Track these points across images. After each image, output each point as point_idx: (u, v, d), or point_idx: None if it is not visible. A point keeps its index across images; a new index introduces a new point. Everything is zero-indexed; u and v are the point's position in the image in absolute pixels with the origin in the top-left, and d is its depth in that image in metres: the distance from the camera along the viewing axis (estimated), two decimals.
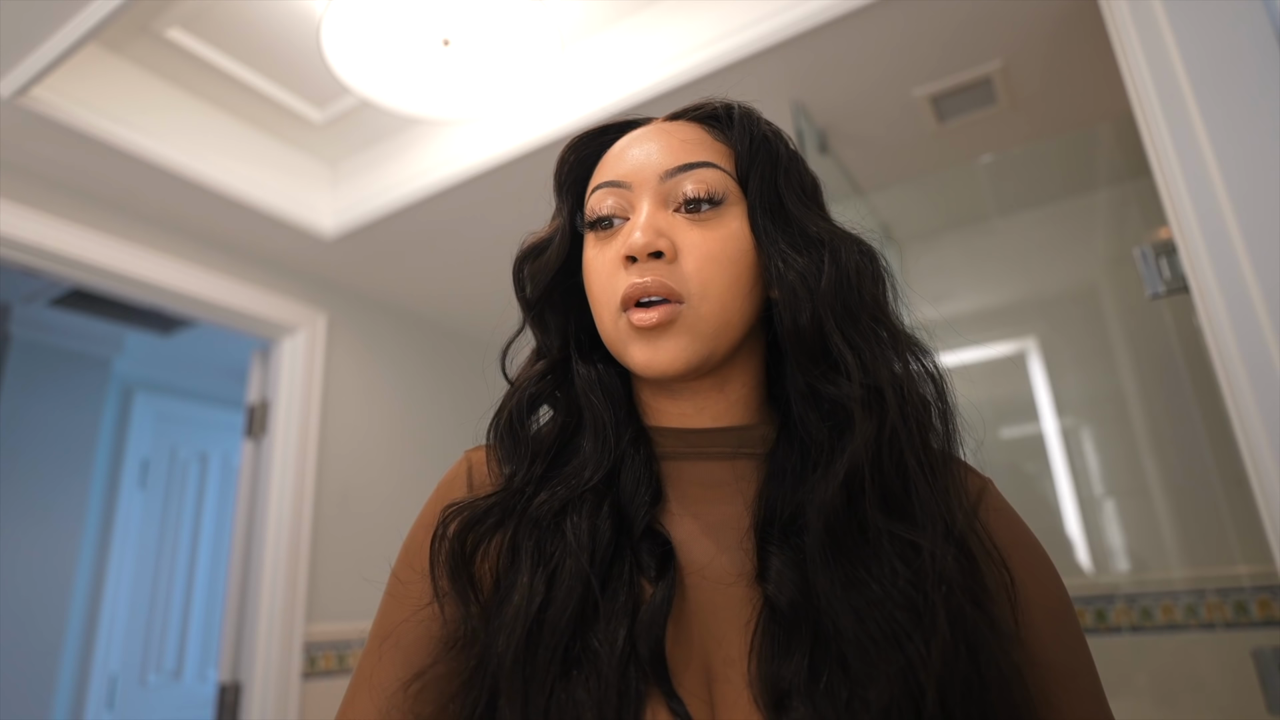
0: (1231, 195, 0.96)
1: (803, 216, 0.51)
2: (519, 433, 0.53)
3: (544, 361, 0.55)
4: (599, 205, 0.52)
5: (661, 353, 0.47)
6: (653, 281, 0.47)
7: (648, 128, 0.54)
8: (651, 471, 0.51)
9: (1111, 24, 1.18)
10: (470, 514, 0.49)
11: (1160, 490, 1.69)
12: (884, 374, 0.47)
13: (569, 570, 0.45)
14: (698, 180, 0.50)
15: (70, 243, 1.73)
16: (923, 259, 2.10)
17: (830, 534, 0.44)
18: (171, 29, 1.54)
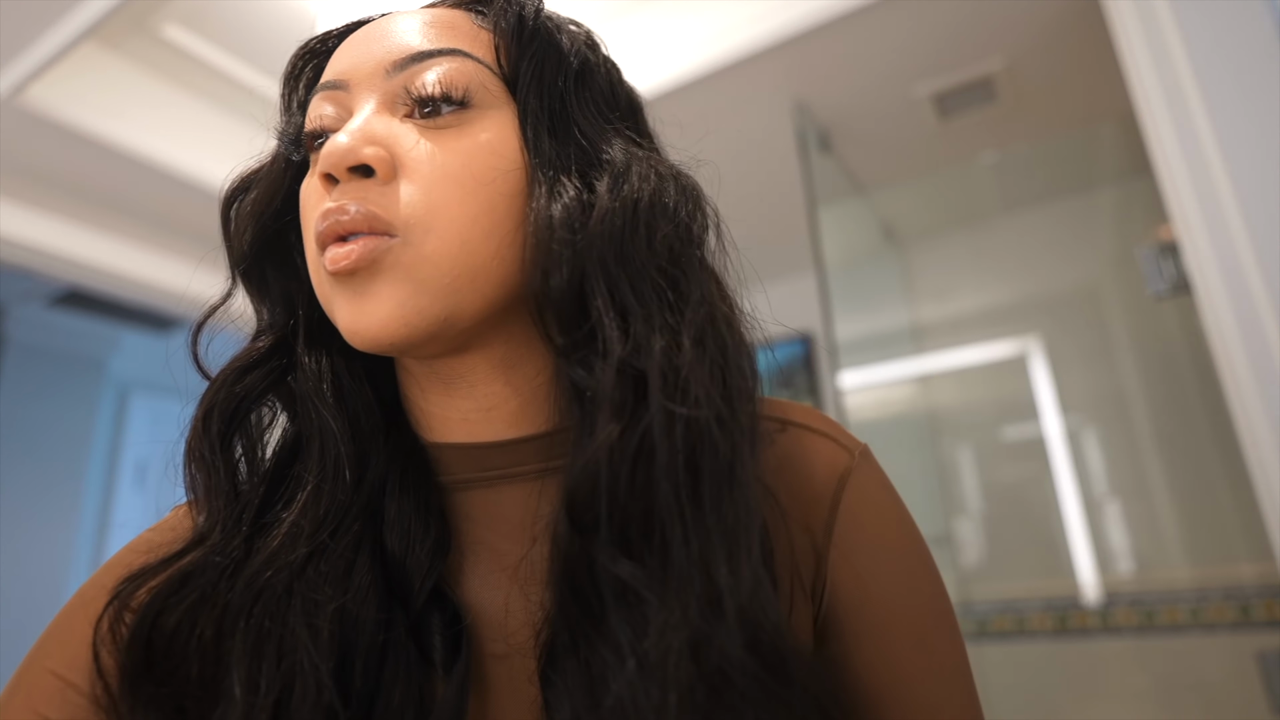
0: (1235, 194, 0.96)
1: (594, 131, 0.37)
2: (217, 454, 0.36)
3: (268, 338, 0.40)
4: (312, 116, 0.38)
5: (370, 308, 0.33)
6: (354, 206, 0.33)
7: (388, 15, 0.39)
8: (430, 509, 0.36)
9: (1114, 22, 1.17)
10: (168, 585, 0.33)
11: (1164, 491, 1.69)
12: (658, 350, 0.32)
13: (302, 694, 0.30)
14: (436, 72, 0.35)
15: (66, 242, 1.72)
16: (925, 258, 2.10)
17: (572, 595, 0.31)
18: (168, 26, 1.53)
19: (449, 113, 0.35)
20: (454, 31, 0.37)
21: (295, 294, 0.40)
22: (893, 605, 0.36)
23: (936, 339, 2.04)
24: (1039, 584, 1.74)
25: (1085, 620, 1.67)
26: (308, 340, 0.39)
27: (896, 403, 2.11)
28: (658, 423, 0.30)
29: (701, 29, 1.49)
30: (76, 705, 0.33)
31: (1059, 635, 1.69)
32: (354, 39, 0.38)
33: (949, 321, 2.04)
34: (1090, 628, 1.66)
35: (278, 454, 0.38)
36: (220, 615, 0.32)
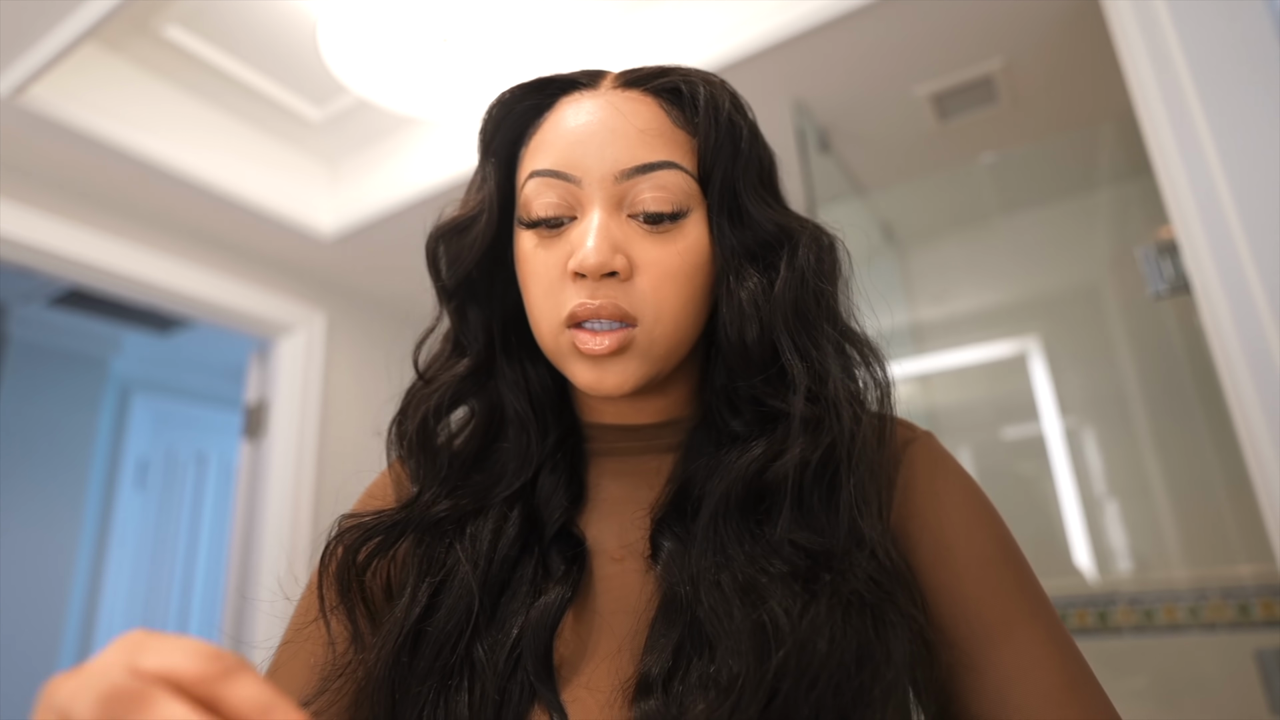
0: (1234, 194, 0.96)
1: (759, 215, 0.47)
2: (430, 440, 0.49)
3: (468, 361, 0.50)
4: (540, 200, 0.46)
5: (609, 377, 0.44)
6: (605, 304, 0.43)
7: (597, 100, 0.46)
8: (574, 474, 0.49)
9: (1113, 22, 1.17)
10: (366, 527, 0.46)
11: (1162, 491, 1.69)
12: (833, 380, 0.44)
13: (458, 581, 0.44)
14: (658, 188, 0.44)
15: (68, 242, 1.72)
16: (924, 258, 2.10)
17: (716, 520, 0.43)
18: (169, 27, 1.54)
19: (668, 223, 0.45)
20: (663, 140, 0.46)
21: (488, 320, 0.51)
22: (951, 536, 0.44)
23: (936, 339, 2.04)
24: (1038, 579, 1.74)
25: (1084, 619, 1.67)
26: (504, 351, 0.51)
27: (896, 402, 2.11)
28: (845, 429, 0.43)
29: (701, 29, 1.49)
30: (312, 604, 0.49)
31: None
32: (575, 132, 0.46)
33: (948, 321, 2.04)
34: (1089, 627, 1.66)
35: (478, 443, 0.50)
36: (413, 545, 0.47)
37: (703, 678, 0.38)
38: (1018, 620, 0.42)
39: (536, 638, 0.42)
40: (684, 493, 0.46)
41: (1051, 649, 0.41)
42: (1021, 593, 0.43)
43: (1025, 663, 0.41)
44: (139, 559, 2.97)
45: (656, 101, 0.47)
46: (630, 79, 0.48)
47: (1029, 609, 0.43)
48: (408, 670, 0.42)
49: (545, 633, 0.42)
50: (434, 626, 0.43)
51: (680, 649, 0.40)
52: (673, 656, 0.39)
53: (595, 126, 0.45)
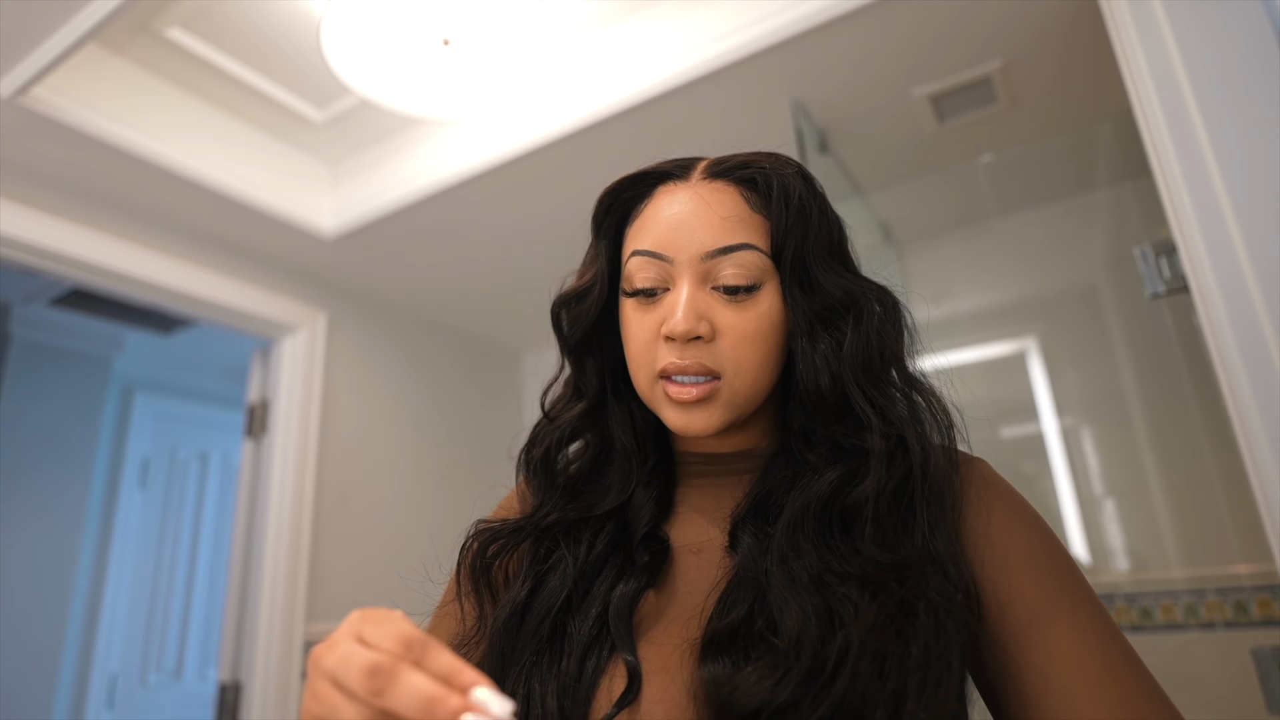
0: (1231, 195, 0.96)
1: (828, 283, 0.54)
2: (551, 468, 0.60)
3: (584, 403, 0.61)
4: (639, 275, 0.55)
5: (696, 421, 0.53)
6: (692, 363, 0.52)
7: (687, 191, 0.56)
8: (664, 491, 0.58)
9: (1111, 23, 1.18)
10: (495, 530, 0.58)
11: (1160, 490, 1.69)
12: (908, 426, 0.52)
13: (561, 570, 0.54)
14: (737, 265, 0.53)
15: (70, 242, 1.73)
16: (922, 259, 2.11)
17: (794, 523, 0.49)
18: (172, 29, 1.54)
19: (744, 294, 0.53)
20: (742, 225, 0.54)
21: (600, 368, 0.61)
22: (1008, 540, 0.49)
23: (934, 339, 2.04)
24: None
25: None
26: (614, 395, 0.61)
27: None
28: (917, 463, 0.50)
29: (700, 29, 1.49)
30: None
31: None
32: (670, 219, 0.55)
33: (947, 321, 2.04)
34: None
35: (589, 469, 0.61)
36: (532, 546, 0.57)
37: (762, 642, 0.44)
38: (1062, 608, 0.46)
39: (619, 610, 0.50)
40: (764, 501, 0.53)
41: (1094, 635, 0.45)
42: (1066, 583, 0.48)
43: (1068, 645, 0.45)
44: (141, 557, 2.97)
45: (737, 190, 0.56)
46: (716, 171, 0.57)
47: (1073, 600, 0.47)
48: (515, 637, 0.52)
49: (626, 606, 0.50)
50: (538, 604, 0.53)
51: (748, 617, 0.46)
52: (739, 622, 0.46)
53: (686, 215, 0.54)
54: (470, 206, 1.91)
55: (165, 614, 3.02)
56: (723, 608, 0.48)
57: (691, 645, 0.47)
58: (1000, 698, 0.47)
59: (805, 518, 0.49)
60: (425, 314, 2.60)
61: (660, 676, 0.47)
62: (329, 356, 2.27)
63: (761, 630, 0.45)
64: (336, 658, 0.33)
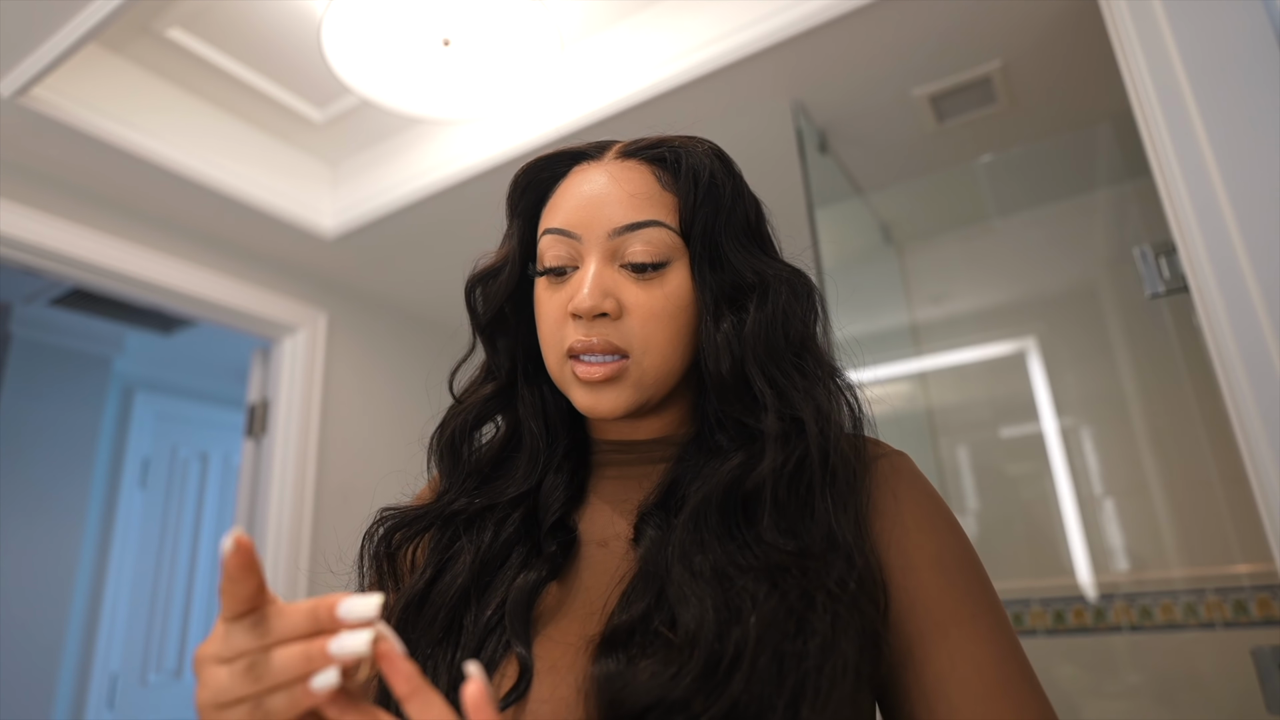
0: (1231, 195, 0.96)
1: (738, 262, 0.54)
2: (459, 450, 0.58)
3: (493, 385, 0.59)
4: (550, 253, 0.54)
5: (604, 401, 0.52)
6: (598, 341, 0.51)
7: (600, 170, 0.55)
8: (575, 478, 0.57)
9: (1111, 23, 1.18)
10: (399, 517, 0.56)
11: (1160, 489, 1.69)
12: (800, 403, 0.50)
13: (462, 560, 0.52)
14: (645, 242, 0.52)
15: (71, 242, 1.73)
16: (922, 259, 2.11)
17: (697, 513, 0.48)
18: (172, 29, 1.54)
19: (651, 272, 0.53)
20: (651, 202, 0.54)
21: (513, 349, 0.59)
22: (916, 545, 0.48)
23: (934, 339, 2.04)
24: (1036, 581, 1.75)
25: (1082, 617, 1.68)
26: (525, 378, 0.59)
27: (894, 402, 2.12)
28: (814, 446, 0.49)
29: (699, 30, 1.50)
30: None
31: (1056, 632, 1.70)
32: (579, 196, 0.54)
33: (947, 322, 2.04)
34: (1087, 625, 1.67)
35: (497, 453, 0.58)
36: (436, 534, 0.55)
37: (659, 639, 0.43)
38: (962, 618, 0.46)
39: (516, 603, 0.48)
40: (670, 492, 0.52)
41: (991, 648, 0.45)
42: (969, 593, 0.47)
43: (963, 658, 0.44)
44: (142, 557, 2.98)
45: (649, 168, 0.55)
46: (629, 151, 0.57)
47: (974, 609, 0.46)
48: (411, 629, 0.50)
49: (524, 599, 0.49)
50: (436, 594, 0.51)
51: (646, 614, 0.44)
52: (638, 618, 0.44)
53: (596, 192, 0.54)
54: (470, 206, 1.91)
55: (165, 614, 3.02)
56: (623, 603, 0.46)
57: (588, 643, 0.45)
58: (893, 697, 0.46)
59: (707, 508, 0.48)
60: (426, 314, 2.60)
61: (551, 675, 0.45)
62: (329, 356, 2.27)
63: (659, 627, 0.43)
64: (209, 692, 0.34)
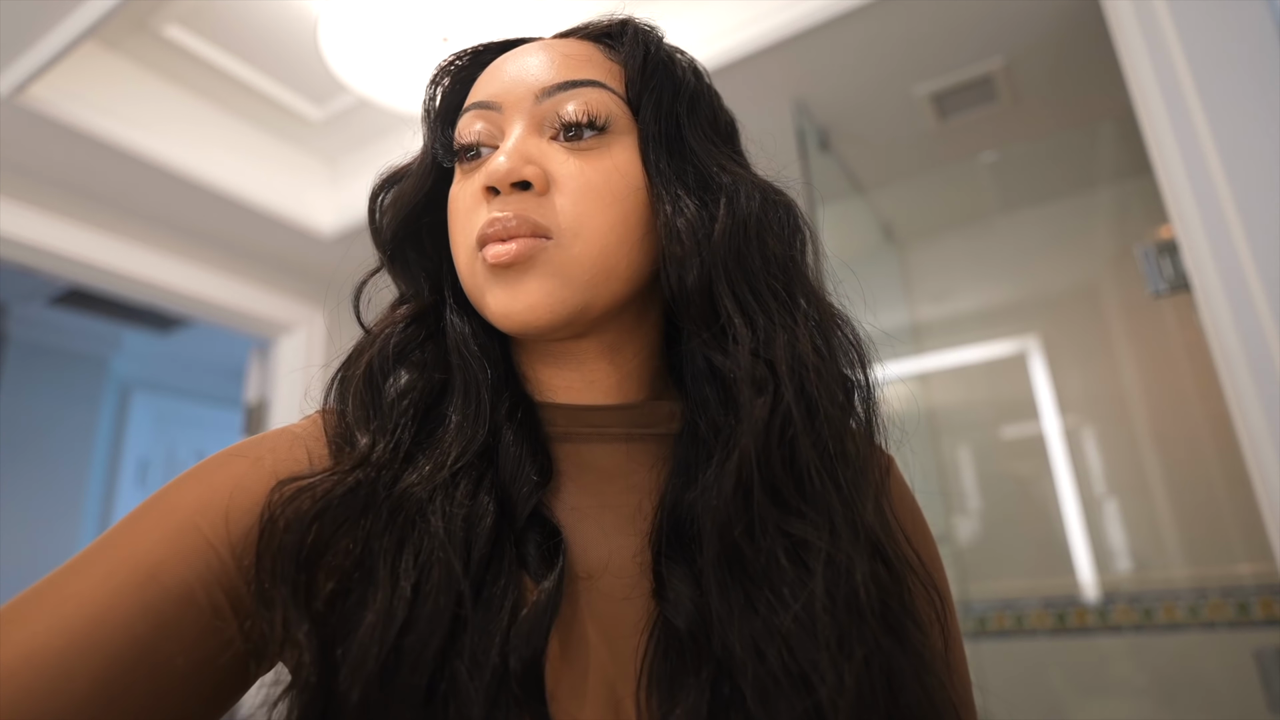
0: (1233, 193, 0.96)
1: (705, 154, 0.44)
2: (379, 390, 0.42)
3: (410, 305, 0.46)
4: (465, 132, 0.43)
5: (521, 296, 0.39)
6: (515, 217, 0.39)
7: (530, 45, 0.45)
8: (538, 445, 0.42)
9: (1113, 21, 1.17)
10: (323, 497, 0.36)
11: (1162, 489, 1.69)
12: (781, 343, 0.39)
13: (437, 579, 0.35)
14: (579, 101, 0.41)
15: (68, 241, 1.72)
16: (924, 257, 2.10)
17: (726, 546, 0.37)
18: (169, 26, 1.54)
19: (589, 137, 0.41)
20: (590, 64, 0.43)
21: (434, 272, 0.47)
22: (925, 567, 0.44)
23: (936, 338, 2.04)
24: (1038, 582, 1.75)
25: (1084, 618, 1.68)
26: (453, 307, 0.46)
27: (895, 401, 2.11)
28: (792, 397, 0.38)
29: (701, 28, 1.49)
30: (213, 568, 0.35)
31: (1058, 633, 1.70)
32: (502, 66, 0.44)
33: (948, 321, 2.04)
34: (1089, 626, 1.67)
35: (423, 396, 0.43)
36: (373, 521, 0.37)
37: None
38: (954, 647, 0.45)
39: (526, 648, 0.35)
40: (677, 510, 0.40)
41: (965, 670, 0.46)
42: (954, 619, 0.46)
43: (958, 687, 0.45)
44: None
45: (590, 43, 0.46)
46: (566, 33, 0.48)
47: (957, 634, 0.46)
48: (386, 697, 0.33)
49: (537, 642, 0.35)
50: (411, 642, 0.33)
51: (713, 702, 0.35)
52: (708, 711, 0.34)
53: (523, 58, 0.44)
54: None
55: None
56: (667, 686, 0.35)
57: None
58: None
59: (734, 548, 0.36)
60: None
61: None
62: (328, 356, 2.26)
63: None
64: None
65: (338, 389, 0.44)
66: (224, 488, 0.38)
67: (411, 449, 0.40)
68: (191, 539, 0.35)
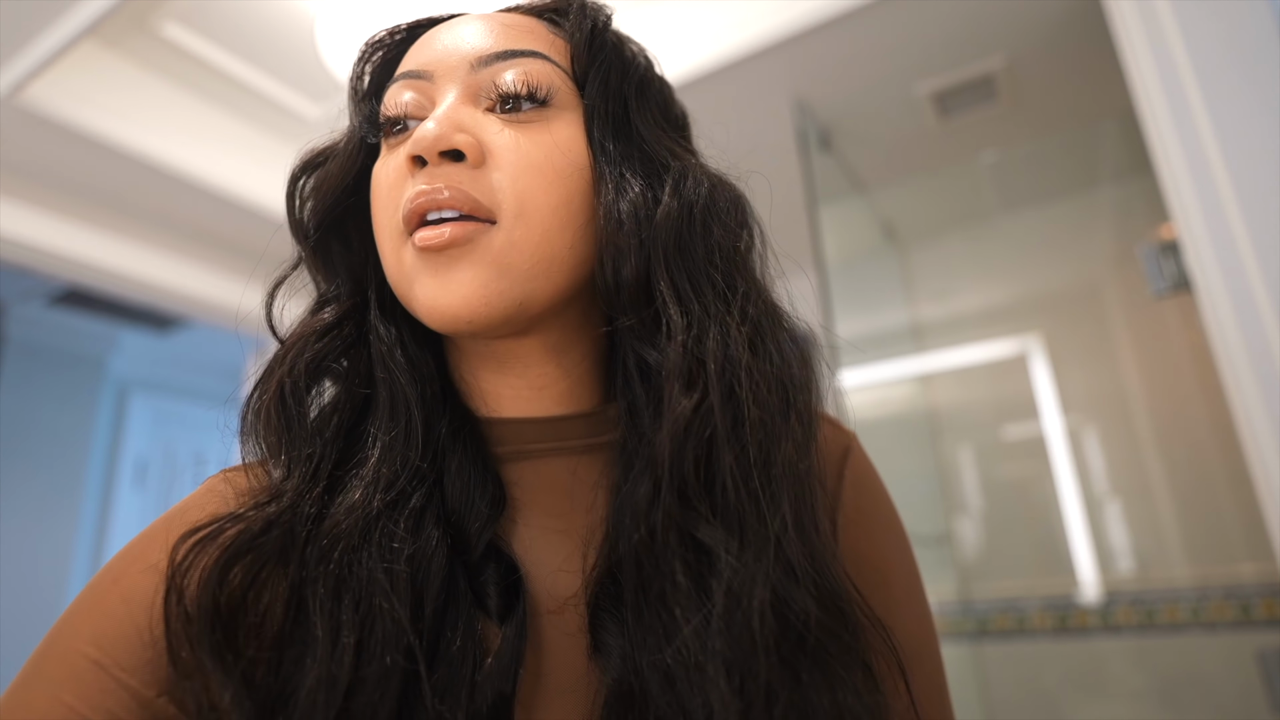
0: (1236, 192, 0.96)
1: (654, 139, 0.40)
2: (294, 412, 0.37)
3: (332, 309, 0.41)
4: (391, 103, 0.39)
5: (453, 287, 0.35)
6: (448, 189, 0.35)
7: (469, 15, 0.41)
8: (487, 469, 0.39)
9: (1115, 20, 1.17)
10: (232, 542, 0.33)
11: (1164, 490, 1.69)
12: (714, 336, 0.35)
13: (380, 634, 0.31)
14: (519, 70, 0.38)
15: (66, 241, 1.72)
16: (925, 257, 2.10)
17: (641, 565, 0.33)
18: (168, 25, 1.53)
19: (529, 109, 0.38)
20: (533, 35, 0.40)
21: (359, 269, 0.42)
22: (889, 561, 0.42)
23: (936, 338, 2.03)
24: (1039, 583, 1.74)
25: (1086, 619, 1.67)
26: (379, 309, 0.41)
27: (896, 402, 2.11)
28: (717, 397, 0.34)
29: (702, 27, 1.49)
30: (110, 691, 0.31)
31: (1059, 634, 1.69)
32: (435, 35, 0.40)
33: (949, 320, 2.04)
34: (1091, 626, 1.66)
35: (343, 415, 0.39)
36: (299, 565, 0.33)
37: None
38: (927, 651, 0.42)
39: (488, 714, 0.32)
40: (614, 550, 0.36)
41: (943, 679, 0.43)
42: (929, 620, 0.44)
43: (929, 691, 0.41)
44: None
45: (534, 18, 0.42)
46: (509, 8, 0.43)
47: (933, 637, 0.43)
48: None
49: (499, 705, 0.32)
50: (360, 701, 0.30)
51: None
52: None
53: (458, 27, 0.40)
54: None
55: None
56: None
57: None
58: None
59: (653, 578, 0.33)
60: None
61: None
62: None
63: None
64: None
65: (249, 411, 0.39)
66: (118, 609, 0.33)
67: (336, 476, 0.36)
68: (97, 679, 0.31)
